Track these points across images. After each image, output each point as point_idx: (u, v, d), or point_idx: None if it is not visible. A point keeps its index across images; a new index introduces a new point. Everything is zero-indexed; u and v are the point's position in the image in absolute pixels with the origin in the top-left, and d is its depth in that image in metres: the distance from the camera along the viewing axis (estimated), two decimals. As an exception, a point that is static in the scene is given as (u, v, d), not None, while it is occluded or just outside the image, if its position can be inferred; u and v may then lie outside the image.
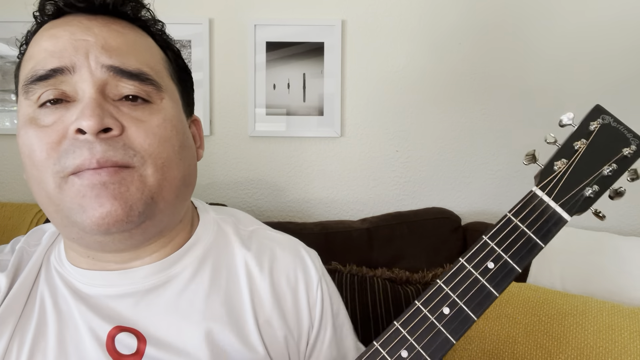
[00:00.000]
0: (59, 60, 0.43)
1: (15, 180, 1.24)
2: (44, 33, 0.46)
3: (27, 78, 0.44)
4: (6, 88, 1.21)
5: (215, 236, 0.56)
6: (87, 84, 0.43)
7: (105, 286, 0.49)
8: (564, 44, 1.21)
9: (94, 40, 0.44)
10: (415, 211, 1.15)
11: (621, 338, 0.78)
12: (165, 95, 0.48)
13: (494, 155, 1.25)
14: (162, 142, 0.45)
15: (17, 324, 0.47)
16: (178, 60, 0.55)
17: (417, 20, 1.22)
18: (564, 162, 0.46)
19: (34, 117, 0.44)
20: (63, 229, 0.46)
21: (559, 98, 1.22)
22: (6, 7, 1.20)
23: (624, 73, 1.21)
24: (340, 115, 1.23)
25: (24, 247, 0.53)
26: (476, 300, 0.41)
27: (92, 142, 0.41)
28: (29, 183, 0.46)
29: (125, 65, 0.45)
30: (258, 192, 1.26)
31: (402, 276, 1.02)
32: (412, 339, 0.41)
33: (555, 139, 0.48)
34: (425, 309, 0.42)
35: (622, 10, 1.20)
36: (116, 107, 0.44)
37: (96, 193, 0.41)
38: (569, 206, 0.44)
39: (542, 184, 0.46)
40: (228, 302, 0.51)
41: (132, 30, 0.49)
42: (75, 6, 0.46)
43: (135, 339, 0.47)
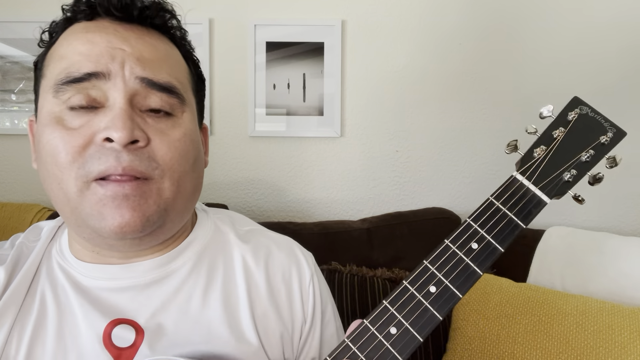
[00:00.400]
0: (95, 65, 0.45)
1: (15, 180, 1.24)
2: (78, 36, 0.47)
3: (60, 79, 0.45)
4: (6, 88, 1.21)
5: (213, 234, 0.58)
6: (119, 93, 0.45)
7: (107, 279, 0.50)
8: (563, 45, 1.21)
9: (130, 51, 0.46)
10: (415, 211, 1.15)
11: (621, 338, 0.78)
12: (187, 108, 0.51)
13: (494, 155, 1.25)
14: (181, 156, 0.48)
15: (17, 315, 0.48)
16: (197, 70, 0.57)
17: (417, 20, 1.22)
18: (543, 148, 0.49)
19: (61, 118, 0.45)
20: (76, 228, 0.48)
21: (558, 98, 1.22)
22: (6, 7, 1.20)
23: (622, 73, 1.21)
24: (340, 115, 1.23)
25: (24, 242, 0.54)
26: (461, 279, 0.43)
27: (120, 151, 0.43)
28: (43, 177, 0.47)
29: (157, 78, 0.47)
30: (258, 192, 1.26)
31: (402, 276, 1.02)
32: (400, 316, 0.42)
33: (536, 129, 0.51)
34: (413, 288, 0.43)
35: (620, 11, 1.20)
36: (142, 118, 0.46)
37: (117, 204, 0.43)
38: (548, 189, 0.46)
39: (522, 169, 0.48)
40: (224, 296, 0.53)
41: (163, 43, 0.51)
42: (112, 13, 0.48)
43: (133, 331, 0.48)
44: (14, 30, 1.20)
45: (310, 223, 1.12)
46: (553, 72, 1.22)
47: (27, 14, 1.21)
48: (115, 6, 0.47)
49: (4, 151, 1.24)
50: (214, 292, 0.53)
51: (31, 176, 1.24)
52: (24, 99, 1.21)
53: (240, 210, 1.25)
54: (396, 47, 1.23)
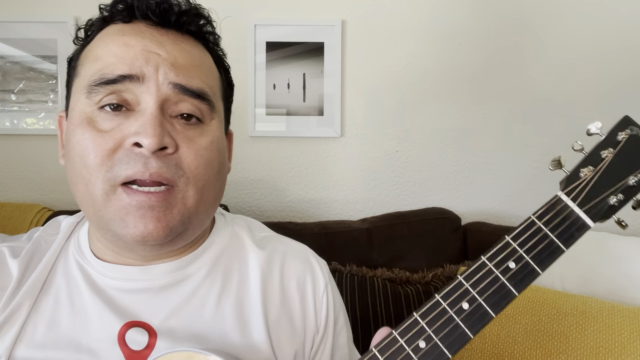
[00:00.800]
0: (130, 68, 0.45)
1: (15, 180, 1.24)
2: (114, 38, 0.47)
3: (94, 80, 0.45)
4: (6, 88, 1.21)
5: (230, 239, 0.58)
6: (152, 97, 0.45)
7: (124, 280, 0.50)
8: (564, 45, 1.21)
9: (165, 55, 0.46)
10: (415, 211, 1.15)
11: (621, 338, 0.78)
12: (215, 115, 0.51)
13: (494, 155, 1.25)
14: (207, 164, 0.48)
15: (31, 311, 0.48)
16: (228, 76, 0.57)
17: (417, 21, 1.22)
18: (591, 169, 0.46)
19: (92, 119, 0.45)
20: (98, 229, 0.48)
21: (559, 98, 1.22)
22: (6, 7, 1.20)
23: (626, 74, 1.21)
24: (340, 115, 1.23)
25: (42, 235, 0.54)
26: (495, 298, 0.42)
27: (148, 157, 0.43)
28: (71, 175, 0.47)
29: (190, 84, 0.47)
30: (258, 192, 1.26)
31: (402, 276, 1.02)
32: (430, 330, 0.41)
33: (582, 146, 0.48)
34: (445, 303, 0.42)
35: (621, 13, 1.20)
36: (172, 124, 0.46)
37: (142, 213, 0.43)
38: (593, 212, 0.45)
39: (567, 190, 0.46)
40: (238, 303, 0.53)
41: (197, 49, 0.51)
42: (149, 17, 0.48)
43: (146, 334, 0.48)
44: (14, 30, 1.20)
45: (310, 223, 1.12)
46: (554, 72, 1.22)
47: (27, 14, 1.21)
48: (153, 10, 0.47)
49: (4, 151, 1.24)
50: (228, 298, 0.52)
51: (31, 176, 1.24)
52: (24, 99, 1.21)
53: (240, 210, 1.25)
54: (396, 47, 1.23)
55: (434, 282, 1.02)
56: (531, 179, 1.25)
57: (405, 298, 0.97)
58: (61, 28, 1.20)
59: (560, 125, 1.23)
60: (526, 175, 1.25)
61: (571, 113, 1.22)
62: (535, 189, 1.25)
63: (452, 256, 1.08)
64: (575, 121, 1.22)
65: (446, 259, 1.07)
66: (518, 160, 1.25)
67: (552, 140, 1.24)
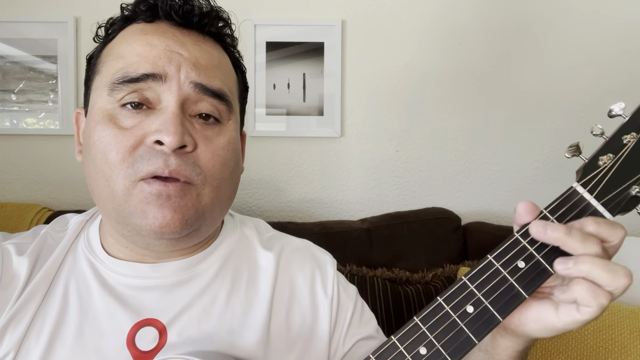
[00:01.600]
0: (152, 67, 0.46)
1: (15, 180, 1.24)
2: (137, 37, 0.48)
3: (117, 78, 0.46)
4: (6, 88, 1.21)
5: (239, 239, 0.59)
6: (173, 96, 0.46)
7: (136, 277, 0.50)
8: (564, 45, 1.22)
9: (187, 55, 0.48)
10: (415, 211, 1.15)
11: (621, 337, 0.78)
12: (232, 116, 0.52)
13: (494, 155, 1.25)
14: (223, 164, 0.49)
15: (39, 309, 0.48)
16: (244, 79, 0.59)
17: (417, 21, 1.22)
18: (610, 157, 0.41)
19: (113, 116, 0.46)
20: (116, 225, 0.48)
21: (559, 98, 1.23)
22: (6, 7, 1.20)
23: (626, 75, 1.21)
24: (340, 115, 1.23)
25: (49, 232, 0.54)
26: (503, 300, 0.39)
27: (168, 154, 0.45)
28: (90, 172, 0.48)
29: (210, 84, 0.48)
30: (258, 192, 1.26)
31: (402, 276, 1.02)
32: (432, 336, 0.39)
33: (602, 130, 0.43)
34: (448, 306, 0.40)
35: (621, 14, 1.20)
36: (191, 123, 0.47)
37: (160, 203, 0.44)
38: (612, 205, 0.41)
39: (584, 180, 0.41)
40: (246, 301, 0.53)
41: (217, 50, 0.52)
42: (172, 17, 0.49)
43: (157, 332, 0.48)
44: (14, 30, 1.20)
45: (310, 223, 1.12)
46: (554, 72, 1.22)
47: (27, 14, 1.21)
48: (176, 11, 0.49)
49: (4, 151, 1.24)
50: (238, 296, 0.53)
51: (31, 176, 1.24)
52: (24, 99, 1.21)
53: (240, 210, 1.25)
54: (396, 47, 1.23)
55: (434, 282, 1.02)
56: (531, 179, 1.25)
57: (405, 298, 0.97)
58: (61, 28, 1.20)
59: (561, 125, 1.23)
60: (526, 175, 1.25)
61: (571, 113, 1.22)
62: (535, 189, 1.25)
63: (452, 256, 1.08)
64: (576, 121, 1.22)
65: (446, 259, 1.07)
66: (518, 160, 1.25)
67: (552, 140, 1.24)
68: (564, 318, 0.38)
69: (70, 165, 1.24)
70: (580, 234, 0.38)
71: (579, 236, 0.37)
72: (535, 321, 0.40)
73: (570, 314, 0.38)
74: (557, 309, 0.39)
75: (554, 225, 0.38)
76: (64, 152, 1.23)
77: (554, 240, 0.38)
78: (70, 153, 1.23)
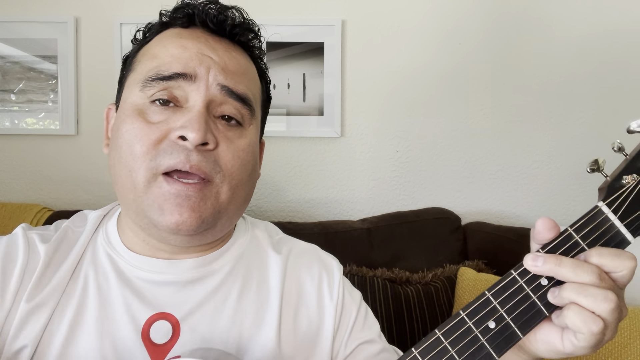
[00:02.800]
0: (184, 67, 0.49)
1: (15, 180, 1.24)
2: (173, 40, 0.51)
3: (150, 75, 0.49)
4: (6, 88, 1.21)
5: (250, 240, 0.60)
6: (200, 96, 0.49)
7: (153, 272, 0.52)
8: (564, 45, 1.22)
9: (217, 59, 0.51)
10: (415, 211, 1.15)
11: (621, 338, 0.78)
12: (254, 121, 0.55)
13: (494, 155, 1.25)
14: (242, 165, 0.51)
15: (60, 300, 0.49)
16: (267, 89, 0.62)
17: (417, 21, 1.22)
18: (635, 177, 0.41)
19: (143, 110, 0.49)
20: (134, 216, 0.50)
21: (559, 98, 1.23)
22: (6, 7, 1.20)
23: (626, 75, 1.21)
24: (340, 115, 1.23)
25: (69, 226, 0.56)
26: (524, 318, 0.40)
27: (190, 150, 0.47)
28: (114, 162, 0.50)
29: (236, 88, 0.51)
30: (258, 192, 1.26)
31: (402, 276, 1.02)
32: (453, 350, 0.39)
33: (622, 146, 0.42)
34: (470, 321, 0.40)
35: (621, 14, 1.20)
36: (214, 123, 0.50)
37: (179, 202, 0.46)
38: (635, 227, 0.41)
39: (609, 200, 0.41)
40: (257, 300, 0.55)
41: (244, 58, 0.55)
42: (207, 25, 0.53)
43: (170, 326, 0.50)
44: (14, 30, 1.20)
45: (310, 223, 1.12)
46: (554, 72, 1.22)
47: (27, 14, 1.21)
48: (211, 19, 0.53)
49: (4, 151, 1.24)
50: (249, 295, 0.55)
51: (31, 176, 1.24)
52: (24, 99, 1.22)
53: (240, 210, 1.25)
54: (396, 47, 1.23)
55: (434, 282, 1.02)
56: (531, 179, 1.25)
57: (405, 298, 0.97)
58: (61, 28, 1.20)
59: (560, 125, 1.23)
60: (526, 175, 1.25)
61: (571, 113, 1.22)
62: (535, 189, 1.25)
63: (452, 256, 1.08)
64: (576, 121, 1.22)
65: (446, 259, 1.07)
66: (518, 160, 1.25)
67: (552, 140, 1.24)
68: (566, 343, 0.39)
69: (70, 165, 1.24)
70: (571, 263, 0.39)
71: (570, 265, 0.39)
72: (544, 342, 0.41)
73: (569, 339, 0.39)
74: (562, 333, 0.40)
75: (545, 256, 0.40)
76: (64, 152, 1.23)
77: (546, 272, 0.40)
78: (70, 153, 1.23)
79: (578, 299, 0.37)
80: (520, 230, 1.07)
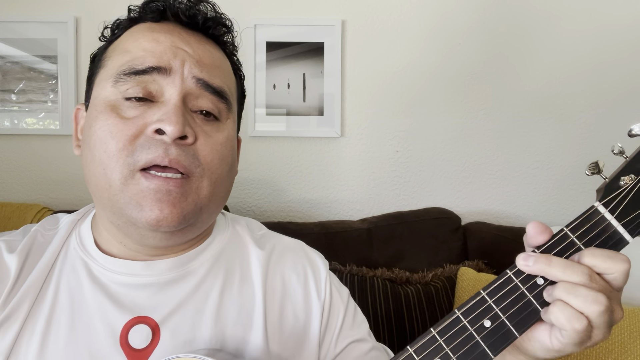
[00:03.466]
0: (158, 60, 0.48)
1: (15, 180, 1.24)
2: (145, 33, 0.50)
3: (123, 70, 0.48)
4: (6, 88, 1.21)
5: (230, 237, 0.59)
6: (176, 89, 0.48)
7: (128, 275, 0.50)
8: (564, 45, 1.22)
9: (191, 52, 0.50)
10: (415, 211, 1.15)
11: (621, 338, 0.78)
12: (231, 116, 0.53)
13: (494, 155, 1.25)
14: (221, 159, 0.50)
15: (31, 311, 0.48)
16: (242, 85, 0.60)
17: (418, 20, 1.22)
18: (632, 177, 0.42)
19: (116, 106, 0.47)
20: (110, 215, 0.48)
21: (559, 98, 1.23)
22: (6, 7, 1.20)
23: (625, 75, 1.21)
24: (340, 115, 1.23)
25: (39, 230, 0.54)
26: (520, 316, 0.40)
27: (169, 144, 0.45)
28: (87, 161, 0.48)
29: (212, 81, 0.50)
30: (258, 192, 1.26)
31: (402, 276, 1.02)
32: (448, 348, 0.40)
33: (622, 149, 0.43)
34: (465, 320, 0.40)
35: (620, 14, 1.20)
36: (192, 117, 0.49)
37: (159, 197, 0.45)
38: (633, 226, 0.41)
39: (605, 200, 0.42)
40: (240, 298, 0.54)
41: (218, 52, 0.54)
42: (179, 18, 0.51)
43: (149, 330, 0.48)
44: (14, 30, 1.20)
45: (310, 223, 1.12)
46: (554, 72, 1.22)
47: (27, 14, 1.21)
48: (183, 12, 0.51)
49: (4, 151, 1.24)
50: (231, 293, 0.53)
51: (31, 176, 1.24)
52: (24, 99, 1.21)
53: (240, 210, 1.25)
54: (396, 47, 1.23)
55: (434, 282, 1.02)
56: (531, 179, 1.25)
57: (405, 298, 0.97)
58: (61, 28, 1.20)
59: (560, 125, 1.23)
60: (526, 175, 1.25)
61: (571, 113, 1.22)
62: (535, 189, 1.25)
63: (452, 256, 1.08)
64: (575, 121, 1.22)
65: (446, 259, 1.07)
66: (518, 160, 1.25)
67: (552, 140, 1.24)
68: (554, 340, 0.39)
69: (70, 165, 1.24)
70: (561, 263, 0.39)
71: (560, 265, 0.39)
72: (536, 340, 0.41)
73: (556, 336, 0.39)
74: (550, 330, 0.40)
75: (536, 256, 0.40)
76: (64, 152, 1.23)
77: (537, 271, 0.40)
78: (70, 153, 1.23)
79: (568, 299, 0.37)
80: (520, 230, 1.07)
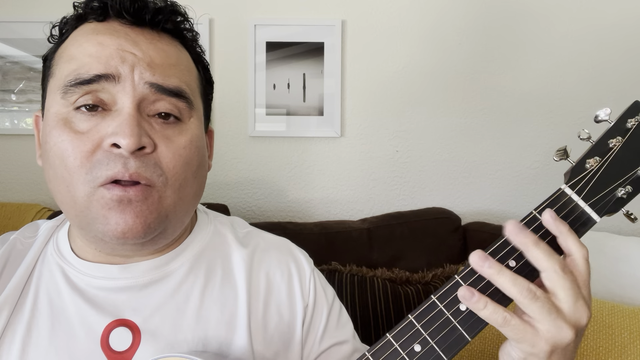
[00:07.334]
0: (105, 67, 0.44)
1: (15, 180, 1.24)
2: (89, 37, 0.46)
3: (69, 80, 0.45)
4: (6, 88, 1.21)
5: (212, 236, 0.58)
6: (128, 97, 0.44)
7: (105, 279, 0.49)
8: (564, 45, 1.21)
9: (141, 55, 0.46)
10: (415, 211, 1.15)
11: (621, 338, 0.78)
12: (194, 113, 0.50)
13: (494, 155, 1.25)
14: (185, 163, 0.48)
15: (9, 319, 0.47)
16: (206, 74, 0.57)
17: (417, 20, 1.22)
18: (597, 160, 0.43)
19: (68, 119, 0.45)
20: (79, 230, 0.48)
21: (559, 98, 1.22)
22: (7, 7, 1.20)
23: (625, 74, 1.21)
24: (340, 115, 1.23)
25: (18, 238, 0.53)
26: (494, 299, 0.40)
27: (127, 157, 0.43)
28: (50, 177, 0.47)
29: (167, 83, 0.46)
30: (258, 192, 1.26)
31: (402, 276, 1.02)
32: (426, 333, 0.40)
33: (589, 135, 0.45)
34: (441, 304, 0.41)
35: (618, 13, 1.20)
36: (149, 123, 0.46)
37: (122, 209, 0.43)
38: (599, 206, 0.42)
39: (571, 182, 0.43)
40: (222, 298, 0.53)
41: (173, 47, 0.50)
42: (123, 16, 0.47)
43: (130, 333, 0.48)
44: (14, 30, 1.20)
45: (310, 223, 1.12)
46: (554, 72, 1.22)
47: (27, 14, 1.21)
48: (127, 9, 0.47)
49: (4, 151, 1.24)
50: (212, 293, 0.53)
51: (31, 176, 1.24)
52: (24, 99, 1.21)
53: (240, 210, 1.25)
54: (396, 47, 1.23)
55: (434, 282, 1.02)
56: (531, 179, 1.25)
57: (405, 298, 0.97)
58: (61, 28, 1.20)
59: (560, 125, 1.23)
60: (526, 175, 1.25)
61: (571, 113, 1.22)
62: (535, 189, 1.25)
63: (452, 256, 1.08)
64: (575, 121, 1.22)
65: (446, 259, 1.07)
66: (518, 160, 1.25)
67: (552, 140, 1.24)
68: (516, 350, 0.40)
69: (70, 165, 1.24)
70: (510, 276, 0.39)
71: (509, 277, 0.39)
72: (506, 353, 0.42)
73: (512, 345, 0.40)
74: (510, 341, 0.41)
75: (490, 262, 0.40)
76: (64, 152, 1.23)
77: (487, 276, 0.40)
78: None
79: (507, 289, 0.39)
80: (520, 230, 1.07)
